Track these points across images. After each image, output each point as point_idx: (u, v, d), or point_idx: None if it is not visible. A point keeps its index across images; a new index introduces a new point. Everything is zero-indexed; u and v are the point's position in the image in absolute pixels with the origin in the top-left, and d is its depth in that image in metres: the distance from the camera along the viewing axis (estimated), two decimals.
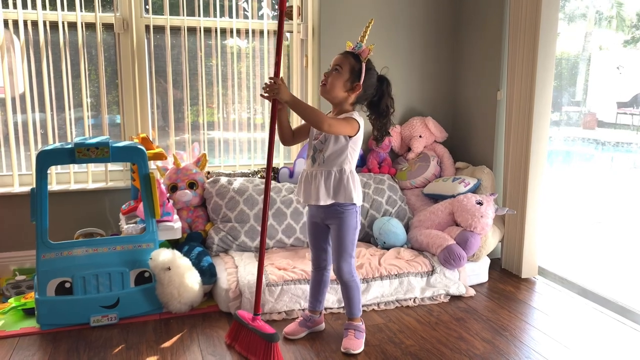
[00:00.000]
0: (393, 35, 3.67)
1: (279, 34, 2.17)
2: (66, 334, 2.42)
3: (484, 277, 3.13)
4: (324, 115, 2.13)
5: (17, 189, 3.11)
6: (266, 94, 2.12)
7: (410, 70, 3.76)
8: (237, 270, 2.73)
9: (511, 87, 3.17)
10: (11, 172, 3.13)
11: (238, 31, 3.46)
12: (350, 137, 2.17)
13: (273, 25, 3.52)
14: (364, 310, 2.70)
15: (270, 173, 2.26)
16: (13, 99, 3.11)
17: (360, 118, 2.21)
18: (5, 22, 3.02)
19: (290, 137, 2.33)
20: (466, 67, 3.74)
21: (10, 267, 3.09)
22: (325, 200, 2.20)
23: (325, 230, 2.33)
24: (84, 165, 3.23)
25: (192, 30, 3.37)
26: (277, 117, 2.22)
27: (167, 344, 2.35)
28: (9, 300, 2.68)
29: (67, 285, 2.45)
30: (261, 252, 2.32)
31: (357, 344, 2.29)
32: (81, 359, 2.21)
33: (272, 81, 2.09)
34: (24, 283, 2.89)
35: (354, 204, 2.24)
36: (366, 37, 2.25)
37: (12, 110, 3.10)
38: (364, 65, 2.17)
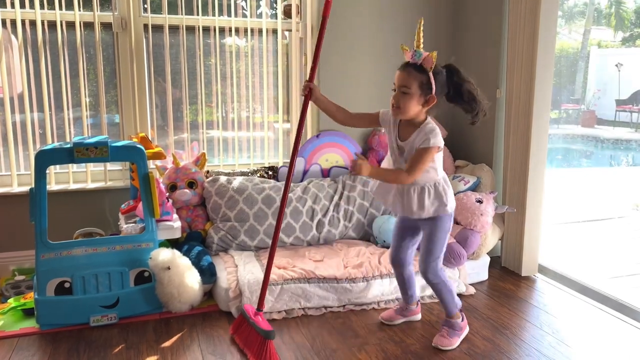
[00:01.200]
0: (392, 33, 3.66)
1: (316, 55, 2.29)
2: (66, 334, 2.42)
3: (484, 275, 3.13)
4: (403, 174, 2.13)
5: (16, 188, 3.10)
6: (354, 174, 2.13)
7: None
8: (236, 270, 2.72)
9: (510, 85, 3.17)
10: (10, 172, 3.12)
11: (237, 30, 3.46)
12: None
13: (272, 24, 3.52)
14: (364, 309, 2.70)
15: (292, 173, 2.33)
16: (11, 99, 3.10)
17: (436, 132, 2.16)
18: (3, 22, 3.01)
19: (345, 118, 2.37)
20: (465, 65, 3.69)
21: (9, 267, 3.08)
22: (420, 215, 2.21)
23: (417, 232, 2.38)
24: (83, 165, 3.22)
25: (190, 29, 3.36)
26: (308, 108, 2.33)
27: (167, 344, 2.35)
28: (9, 301, 2.67)
29: (67, 285, 2.44)
30: (272, 249, 2.34)
31: (447, 342, 2.33)
32: (81, 359, 2.21)
33: (356, 160, 2.09)
34: (23, 283, 2.88)
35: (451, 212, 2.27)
36: (421, 40, 2.14)
37: (11, 110, 3.09)
38: (431, 76, 2.08)
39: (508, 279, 3.17)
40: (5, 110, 3.08)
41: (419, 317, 2.61)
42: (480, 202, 3.00)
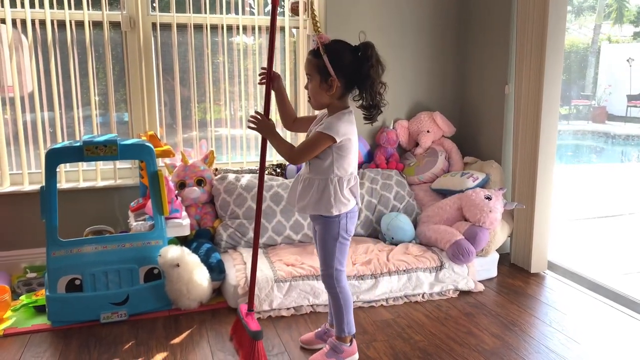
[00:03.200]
0: (400, 29, 3.65)
1: (271, 47, 2.09)
2: (77, 330, 2.44)
3: (493, 272, 3.12)
4: (293, 151, 2.03)
5: (27, 187, 3.13)
6: (249, 126, 2.10)
7: (417, 64, 3.74)
8: (245, 267, 2.73)
9: (519, 81, 3.15)
10: (21, 170, 3.15)
11: (245, 28, 3.46)
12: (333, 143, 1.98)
13: (279, 21, 3.52)
14: (372, 306, 2.70)
15: (264, 169, 2.22)
16: (22, 98, 3.13)
17: (339, 123, 1.97)
18: (14, 22, 3.03)
19: (290, 121, 2.21)
20: (474, 61, 3.72)
21: (21, 264, 3.11)
22: (302, 210, 2.09)
23: None
24: (93, 163, 3.24)
25: (198, 28, 3.37)
26: (277, 99, 2.18)
27: (176, 340, 2.37)
28: (21, 298, 2.70)
29: (77, 282, 2.47)
30: (255, 249, 2.25)
31: None
32: (92, 356, 2.23)
33: (255, 115, 2.08)
34: (34, 280, 2.91)
35: (338, 214, 2.05)
36: (318, 25, 2.07)
37: (21, 109, 3.12)
38: (325, 56, 1.93)
39: (517, 275, 3.15)
40: (16, 110, 3.11)
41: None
42: (489, 198, 2.99)
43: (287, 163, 3.54)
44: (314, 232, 2.23)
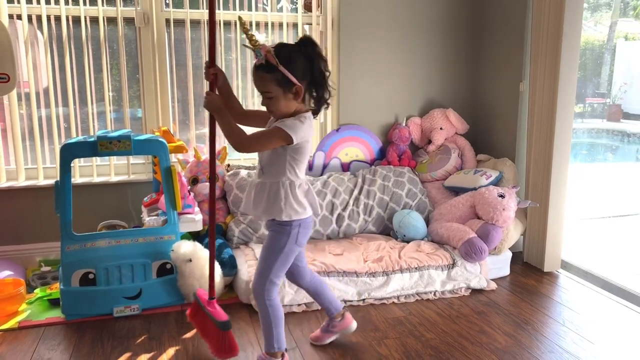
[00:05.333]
0: (414, 25, 3.64)
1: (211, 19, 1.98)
2: (90, 324, 2.46)
3: (505, 270, 3.09)
4: (242, 135, 1.87)
5: (41, 181, 3.16)
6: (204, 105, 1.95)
7: (430, 61, 3.72)
8: (257, 263, 2.74)
9: (534, 78, 3.12)
10: (36, 165, 3.18)
11: (257, 24, 3.46)
12: (287, 144, 1.89)
13: (292, 17, 3.52)
14: (383, 303, 2.70)
15: (214, 149, 2.18)
16: (37, 94, 3.16)
17: (298, 123, 1.87)
18: (29, 18, 3.06)
19: (238, 115, 2.05)
20: (488, 58, 3.69)
21: (35, 258, 3.14)
22: (254, 215, 2.02)
23: None
24: (107, 158, 3.27)
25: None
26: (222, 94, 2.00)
27: (188, 335, 2.38)
28: (35, 291, 2.73)
29: (91, 276, 2.49)
30: (211, 239, 2.19)
31: None
32: (105, 349, 2.25)
33: (205, 94, 1.94)
34: (49, 274, 2.95)
35: (290, 223, 1.95)
36: (254, 38, 1.85)
37: (37, 105, 3.15)
38: (283, 69, 1.81)
39: (530, 274, 3.13)
40: (31, 105, 3.14)
41: (353, 326, 2.31)
42: (502, 196, 2.97)
43: None
44: None
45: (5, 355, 2.20)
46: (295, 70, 1.83)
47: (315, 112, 1.96)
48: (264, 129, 1.98)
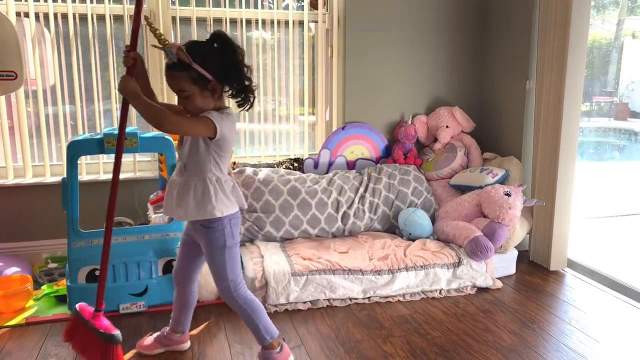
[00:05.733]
0: (420, 23, 3.63)
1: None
2: None
3: (511, 269, 3.09)
4: (165, 112, 1.77)
5: (48, 178, 3.18)
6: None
7: (437, 58, 3.71)
8: (262, 260, 2.75)
9: (541, 77, 3.10)
10: (43, 162, 3.20)
11: (263, 22, 3.46)
12: (210, 139, 1.85)
13: (298, 15, 3.52)
14: (389, 302, 2.70)
15: (122, 142, 2.03)
16: (44, 91, 3.18)
17: (223, 117, 1.86)
18: (37, 15, 3.07)
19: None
20: (495, 56, 3.68)
21: (42, 255, 3.16)
22: (181, 216, 1.92)
23: (195, 248, 2.05)
24: (113, 155, 3.26)
25: (217, 22, 3.38)
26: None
27: (194, 332, 2.39)
28: (42, 287, 2.75)
29: (98, 272, 2.49)
30: (105, 246, 2.04)
31: None
32: None
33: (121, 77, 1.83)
34: (56, 271, 2.96)
35: (220, 220, 1.92)
36: (162, 36, 1.81)
37: (44, 102, 3.17)
38: (197, 67, 1.78)
39: (536, 273, 3.12)
40: (38, 102, 3.16)
41: (185, 346, 2.24)
42: (508, 195, 2.96)
43: (305, 157, 3.55)
44: (186, 240, 2.08)
45: (13, 351, 2.22)
46: (209, 67, 1.80)
47: (240, 105, 1.93)
48: None
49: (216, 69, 1.82)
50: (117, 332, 1.92)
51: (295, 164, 3.50)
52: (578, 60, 2.95)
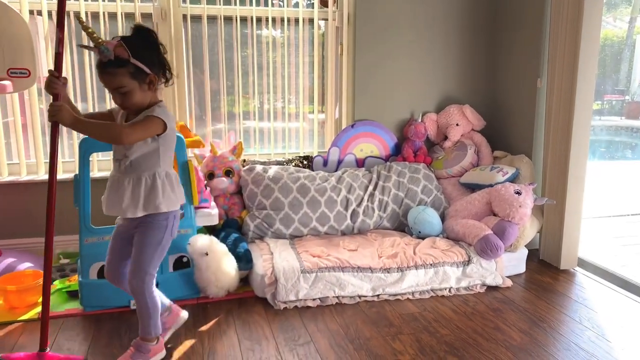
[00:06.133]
0: (430, 20, 3.62)
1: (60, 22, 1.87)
2: (108, 316, 2.50)
3: (521, 267, 3.08)
4: (118, 127, 1.83)
5: (61, 175, 3.21)
6: (48, 118, 1.82)
7: (447, 56, 3.70)
8: (272, 257, 2.76)
9: (552, 75, 3.09)
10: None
11: (274, 20, 3.47)
12: (158, 135, 1.90)
13: (308, 13, 3.52)
14: (398, 299, 2.70)
15: (55, 168, 2.02)
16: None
17: (166, 112, 1.91)
18: (49, 14, 3.10)
19: None
20: (505, 54, 3.66)
21: (55, 251, 3.18)
22: (133, 213, 1.92)
23: (129, 243, 2.04)
24: None
25: (228, 20, 3.40)
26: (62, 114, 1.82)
27: (204, 328, 2.41)
28: (54, 283, 2.78)
29: None
30: (47, 271, 1.98)
31: None
32: (122, 340, 2.28)
33: (53, 104, 1.80)
34: (68, 266, 2.99)
35: (165, 215, 1.97)
36: (95, 34, 1.82)
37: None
38: (135, 61, 1.81)
39: (546, 272, 3.11)
40: (50, 100, 3.18)
41: (184, 316, 2.30)
42: (519, 193, 2.94)
43: (314, 155, 3.55)
44: (119, 236, 2.07)
45: (26, 345, 2.24)
46: (145, 60, 1.84)
47: (164, 84, 1.98)
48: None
49: (151, 60, 1.86)
50: (84, 357, 1.90)
51: (305, 162, 3.51)
52: (590, 58, 2.93)
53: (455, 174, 3.52)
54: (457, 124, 3.60)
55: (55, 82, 1.81)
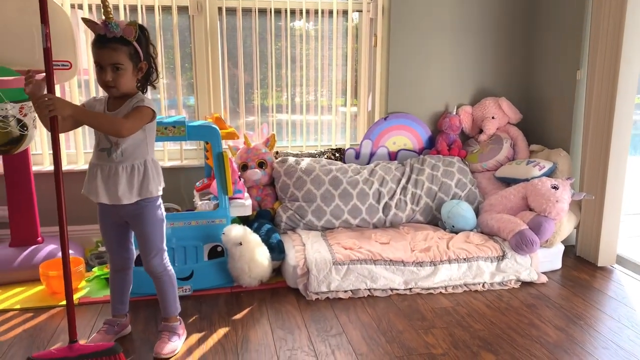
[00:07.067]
0: (465, 11, 3.56)
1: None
2: (144, 302, 2.56)
3: (557, 264, 3.02)
4: (119, 120, 1.89)
5: (85, 165, 3.27)
6: (45, 114, 1.78)
7: (483, 48, 3.64)
8: (304, 248, 2.77)
9: (592, 66, 3.00)
10: (74, 149, 3.31)
11: (307, 11, 3.47)
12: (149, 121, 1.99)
13: (343, 5, 3.51)
14: (430, 293, 2.68)
15: (60, 161, 1.94)
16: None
17: (149, 99, 2.00)
18: (90, 7, 3.17)
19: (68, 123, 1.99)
20: (543, 44, 3.57)
21: (93, 239, 3.28)
22: (129, 199, 1.99)
23: (127, 228, 2.14)
24: (160, 143, 3.36)
25: (262, 12, 3.41)
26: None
27: (238, 316, 2.44)
28: (93, 270, 2.86)
29: None
30: (66, 268, 1.99)
31: (169, 347, 2.12)
32: (158, 326, 2.32)
33: (46, 98, 1.75)
34: (105, 254, 3.07)
35: (157, 197, 2.08)
36: (109, 8, 1.89)
37: (95, 92, 3.27)
38: (135, 44, 1.91)
39: (583, 268, 3.04)
40: (90, 92, 3.26)
41: (129, 329, 2.30)
42: (555, 188, 2.88)
43: (346, 147, 3.55)
44: (112, 227, 2.12)
45: (66, 329, 2.32)
46: (142, 49, 1.95)
47: (150, 85, 2.09)
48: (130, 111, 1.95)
49: (146, 52, 1.98)
50: (115, 344, 1.95)
51: (337, 154, 3.51)
52: (634, 49, 2.84)
53: (491, 167, 3.47)
54: (492, 117, 3.54)
55: (45, 101, 1.76)
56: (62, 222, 1.95)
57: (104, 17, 1.88)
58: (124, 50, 1.89)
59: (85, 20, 1.89)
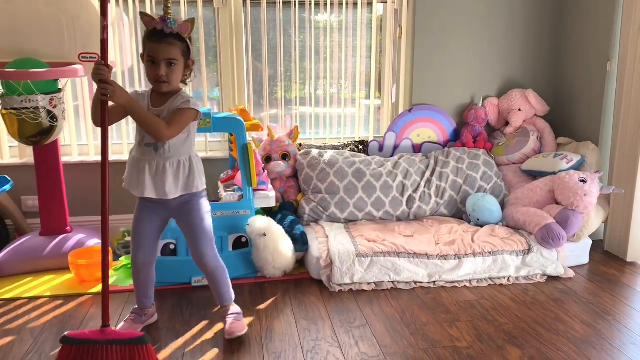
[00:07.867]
0: (492, 2, 3.50)
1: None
2: (170, 292, 2.60)
3: (584, 258, 2.97)
4: (163, 126, 1.91)
5: (126, 157, 3.32)
6: (104, 96, 1.81)
7: (510, 38, 3.58)
8: (327, 240, 2.78)
9: (624, 57, 2.93)
10: (121, 140, 3.36)
11: (332, 3, 3.46)
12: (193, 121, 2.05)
13: None
14: (455, 287, 2.67)
15: (107, 149, 1.91)
16: (122, 73, 3.33)
17: (195, 100, 2.02)
18: (116, 0, 3.21)
19: (118, 114, 2.03)
20: (572, 34, 3.50)
21: (120, 228, 3.33)
22: (174, 194, 2.04)
23: (164, 224, 2.19)
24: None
25: (287, 4, 3.41)
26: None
27: (262, 307, 2.46)
28: (120, 259, 2.92)
29: (172, 247, 2.62)
30: (104, 255, 1.95)
31: (241, 325, 2.19)
32: (184, 316, 2.37)
33: (107, 84, 1.79)
34: None
35: (202, 191, 2.15)
36: (169, 5, 1.97)
37: (122, 84, 3.32)
38: (188, 41, 1.98)
39: (611, 263, 2.98)
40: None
41: (156, 317, 2.34)
42: (584, 181, 2.83)
43: (369, 140, 3.54)
44: (155, 221, 2.15)
45: (95, 316, 2.37)
46: (191, 48, 2.02)
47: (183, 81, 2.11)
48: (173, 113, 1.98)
49: (190, 52, 2.03)
50: (142, 334, 1.89)
51: (360, 147, 3.50)
52: None
53: (517, 160, 3.42)
54: (519, 109, 3.49)
55: (101, 69, 1.80)
56: (105, 211, 1.96)
57: (162, 13, 1.95)
58: (179, 46, 1.95)
59: (143, 15, 1.94)
